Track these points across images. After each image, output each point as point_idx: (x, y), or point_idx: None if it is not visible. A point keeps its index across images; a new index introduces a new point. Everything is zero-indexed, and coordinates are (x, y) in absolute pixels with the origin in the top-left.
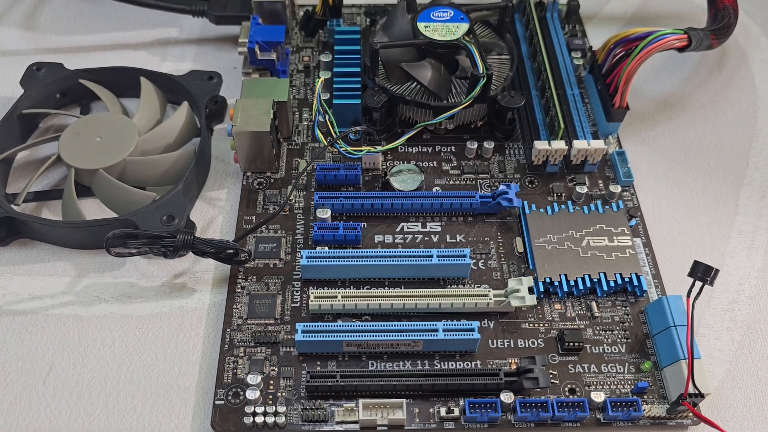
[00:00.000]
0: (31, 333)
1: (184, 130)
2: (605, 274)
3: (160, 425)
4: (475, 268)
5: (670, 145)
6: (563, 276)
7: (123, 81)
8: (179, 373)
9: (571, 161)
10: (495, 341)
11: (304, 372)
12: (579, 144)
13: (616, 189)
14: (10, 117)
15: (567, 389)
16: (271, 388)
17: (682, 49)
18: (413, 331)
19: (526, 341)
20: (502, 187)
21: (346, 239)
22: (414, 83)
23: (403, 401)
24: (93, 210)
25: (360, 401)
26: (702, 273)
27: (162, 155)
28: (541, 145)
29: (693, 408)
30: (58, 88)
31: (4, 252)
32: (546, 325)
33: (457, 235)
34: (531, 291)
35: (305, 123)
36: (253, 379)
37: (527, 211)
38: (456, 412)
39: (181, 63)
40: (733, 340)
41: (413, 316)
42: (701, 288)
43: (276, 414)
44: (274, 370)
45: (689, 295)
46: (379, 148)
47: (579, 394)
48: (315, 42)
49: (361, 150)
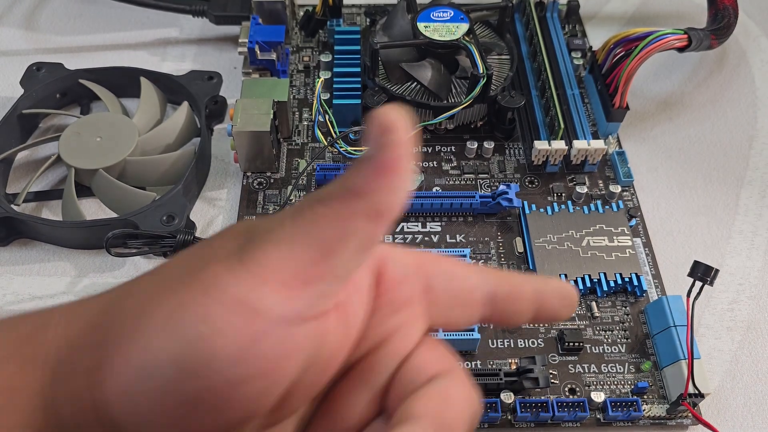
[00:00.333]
0: None
1: (184, 130)
2: (605, 274)
3: None
4: None
5: (670, 145)
6: (563, 276)
7: (123, 81)
8: None
9: (571, 161)
10: (495, 341)
11: None
12: (579, 144)
13: (616, 189)
14: (10, 117)
15: (567, 389)
16: None
17: (682, 49)
18: None
19: (526, 341)
20: (502, 187)
21: None
22: (414, 83)
23: None
24: (93, 210)
25: None
26: (702, 273)
27: (162, 155)
28: (541, 145)
29: (692, 409)
30: (58, 88)
31: (4, 252)
32: (546, 325)
33: (457, 235)
34: None
35: (305, 123)
36: None
37: (527, 211)
38: None
39: (181, 63)
40: (733, 340)
41: None
42: (701, 288)
43: None
44: None
45: (689, 295)
46: None
47: (579, 394)
48: (315, 42)
49: (361, 150)
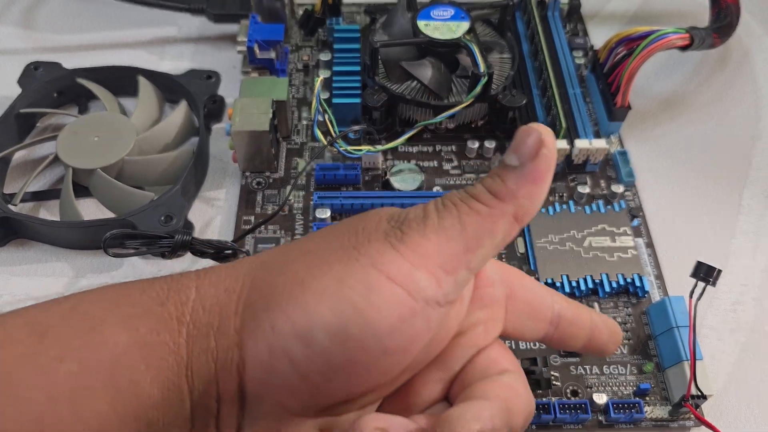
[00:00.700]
0: None
1: (182, 129)
2: (607, 274)
3: None
4: None
5: (672, 145)
6: (565, 277)
7: (121, 80)
8: None
9: (573, 161)
10: None
11: None
12: (581, 143)
13: (618, 189)
14: (7, 116)
15: (569, 391)
16: None
17: (684, 48)
18: None
19: (527, 343)
20: None
21: None
22: (414, 82)
23: None
24: (91, 210)
25: None
26: (705, 274)
27: (160, 155)
28: None
29: (695, 410)
30: (55, 87)
31: (1, 252)
32: None
33: None
34: None
35: (304, 122)
36: None
37: None
38: None
39: (180, 62)
40: (737, 341)
41: None
42: (704, 289)
43: None
44: None
45: (692, 296)
46: (379, 147)
47: (581, 396)
48: (314, 41)
49: (361, 149)
